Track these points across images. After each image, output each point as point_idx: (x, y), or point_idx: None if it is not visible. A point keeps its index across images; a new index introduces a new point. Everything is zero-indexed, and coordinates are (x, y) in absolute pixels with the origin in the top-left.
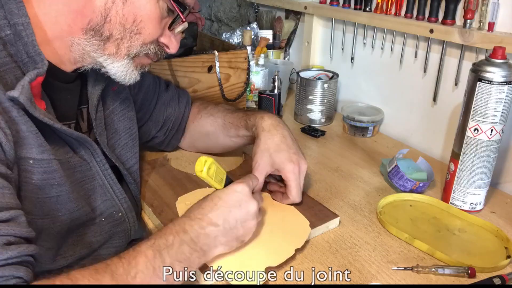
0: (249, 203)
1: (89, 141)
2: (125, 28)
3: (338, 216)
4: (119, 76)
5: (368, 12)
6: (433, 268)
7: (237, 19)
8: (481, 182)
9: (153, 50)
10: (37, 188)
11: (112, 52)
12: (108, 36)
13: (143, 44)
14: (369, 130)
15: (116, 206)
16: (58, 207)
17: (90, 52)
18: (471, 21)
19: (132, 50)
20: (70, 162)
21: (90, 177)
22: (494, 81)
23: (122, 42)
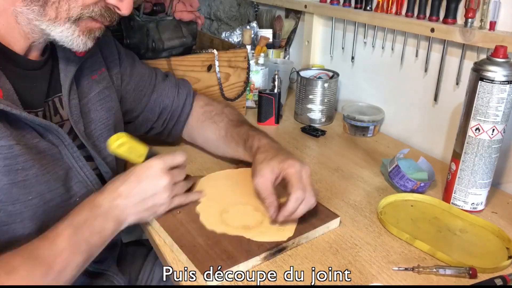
0: (159, 178)
1: (53, 127)
2: None
3: (339, 217)
4: (65, 41)
5: (369, 11)
6: (434, 269)
7: (236, 18)
8: (483, 182)
9: (98, 12)
10: (3, 174)
11: (52, 16)
12: (44, 0)
13: (83, 6)
14: (369, 130)
15: (88, 187)
16: (27, 191)
17: (33, 20)
18: (472, 20)
19: (72, 13)
20: (38, 147)
21: (61, 159)
22: (495, 81)
23: (60, 5)
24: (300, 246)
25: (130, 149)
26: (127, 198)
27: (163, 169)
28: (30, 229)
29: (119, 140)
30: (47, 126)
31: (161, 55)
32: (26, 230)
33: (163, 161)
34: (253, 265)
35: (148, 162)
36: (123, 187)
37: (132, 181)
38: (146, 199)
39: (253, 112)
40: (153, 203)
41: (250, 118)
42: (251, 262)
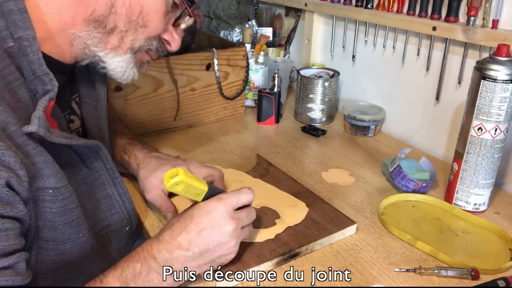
0: (224, 225)
1: (101, 147)
2: (130, 19)
3: (355, 223)
4: (118, 71)
5: (370, 9)
6: (436, 270)
7: (236, 17)
8: (485, 182)
9: (155, 46)
10: (58, 215)
11: (114, 45)
12: (112, 28)
13: (147, 38)
14: (370, 130)
15: (124, 220)
16: (78, 229)
17: (91, 46)
18: (474, 18)
19: (136, 44)
20: (77, 176)
21: (99, 186)
22: (498, 79)
23: (127, 34)
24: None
25: (187, 188)
26: (188, 250)
27: (227, 213)
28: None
29: (175, 178)
30: (95, 146)
31: None
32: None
33: (225, 205)
34: (264, 270)
35: (209, 205)
36: (181, 237)
37: (191, 229)
38: (210, 251)
39: (252, 112)
40: (218, 254)
41: (249, 117)
42: (262, 267)
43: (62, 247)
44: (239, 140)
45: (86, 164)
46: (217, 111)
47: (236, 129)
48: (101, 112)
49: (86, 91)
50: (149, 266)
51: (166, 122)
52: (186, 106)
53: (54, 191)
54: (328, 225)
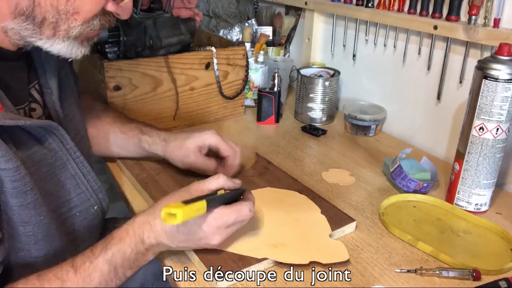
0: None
1: (56, 127)
2: (58, 9)
3: (355, 220)
4: (64, 54)
5: (370, 8)
6: (437, 271)
7: (235, 15)
8: (487, 182)
9: (97, 24)
10: (11, 196)
11: (49, 34)
12: (41, 20)
13: (83, 23)
14: (371, 129)
15: (91, 199)
16: (38, 211)
17: (27, 37)
18: (476, 17)
19: (72, 32)
20: (34, 157)
21: (61, 167)
22: (500, 79)
23: (58, 25)
24: None
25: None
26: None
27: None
28: (46, 250)
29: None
30: (50, 127)
31: (159, 52)
32: (42, 252)
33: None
34: (265, 267)
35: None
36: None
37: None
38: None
39: (252, 111)
40: (198, 245)
41: (249, 117)
42: (263, 264)
43: (23, 230)
44: (238, 140)
45: (44, 146)
46: (217, 110)
47: (236, 129)
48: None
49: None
50: (137, 250)
51: (165, 122)
52: (185, 105)
53: (4, 172)
54: (328, 222)
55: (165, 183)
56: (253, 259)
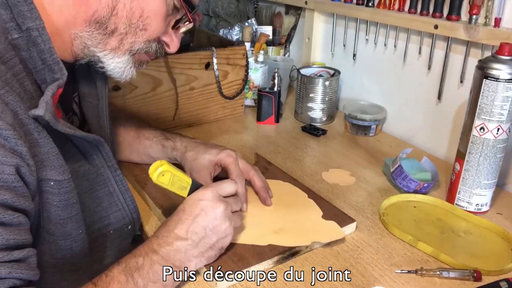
0: (214, 207)
1: (102, 142)
2: (131, 22)
3: (355, 221)
4: (116, 72)
5: (371, 7)
6: (438, 271)
7: (235, 15)
8: (487, 182)
9: (154, 48)
10: (59, 209)
11: (114, 47)
12: (112, 30)
13: (147, 41)
14: (371, 129)
15: (126, 218)
16: (78, 225)
17: (91, 46)
18: (476, 16)
19: (135, 47)
20: (79, 172)
21: (101, 184)
22: (500, 79)
23: (126, 37)
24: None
25: (173, 179)
26: (187, 238)
27: (215, 197)
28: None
29: (160, 168)
30: (96, 142)
31: None
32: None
33: (212, 190)
34: (265, 268)
35: (196, 194)
36: (177, 229)
37: (185, 219)
38: (208, 235)
39: (252, 111)
40: (216, 237)
41: (249, 117)
42: (262, 265)
43: (63, 243)
44: (238, 140)
45: (88, 160)
46: (216, 110)
47: (236, 129)
48: (102, 110)
49: (87, 90)
50: (151, 259)
51: (165, 122)
52: (185, 105)
53: (55, 183)
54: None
55: None
56: (253, 259)
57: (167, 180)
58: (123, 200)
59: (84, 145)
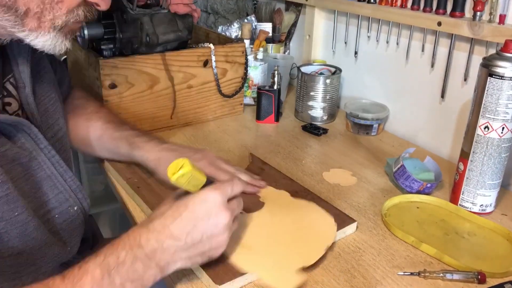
0: (219, 215)
1: (27, 124)
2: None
3: (356, 221)
4: (47, 49)
5: (373, 3)
6: (441, 273)
7: (234, 11)
8: (492, 182)
9: (82, 14)
10: None
11: (33, 26)
12: (25, 11)
13: (68, 12)
14: (373, 128)
15: (70, 199)
16: (12, 206)
17: (8, 27)
18: (481, 13)
19: (58, 22)
20: (7, 156)
21: (36, 168)
22: (505, 76)
23: (43, 15)
24: None
25: (190, 180)
26: (180, 240)
27: (222, 203)
28: (20, 248)
29: (182, 170)
30: (20, 123)
31: (156, 49)
32: (14, 250)
33: (221, 193)
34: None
35: (204, 193)
36: (174, 225)
37: (185, 218)
38: (202, 242)
39: (251, 110)
40: (209, 246)
41: (248, 115)
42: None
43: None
44: (237, 139)
45: (17, 144)
46: (215, 109)
47: (235, 128)
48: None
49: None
50: (134, 254)
51: (162, 121)
52: (183, 104)
53: None
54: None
55: (158, 187)
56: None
57: (185, 181)
58: (63, 182)
59: (7, 128)
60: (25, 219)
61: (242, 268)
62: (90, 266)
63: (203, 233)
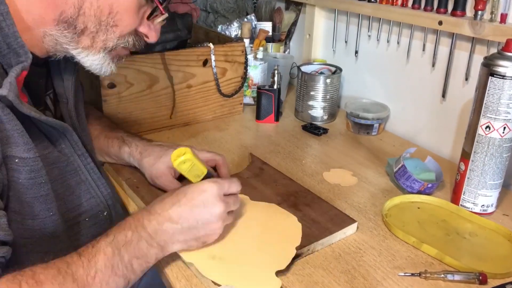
0: (214, 205)
1: (70, 131)
2: (100, 20)
3: (356, 222)
4: (94, 68)
5: (373, 2)
6: (442, 274)
7: (234, 10)
8: (493, 183)
9: (131, 42)
10: (25, 187)
11: (86, 45)
12: (82, 29)
13: (120, 37)
14: (374, 128)
15: (101, 204)
16: (49, 206)
17: (63, 44)
18: (482, 12)
19: (109, 44)
20: (48, 158)
21: (72, 172)
22: (507, 76)
23: (98, 35)
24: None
25: (192, 167)
26: (177, 223)
27: (218, 195)
28: (48, 248)
29: (184, 157)
30: (64, 129)
31: (155, 49)
32: (44, 249)
33: (219, 187)
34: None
35: (203, 184)
36: (172, 210)
37: (184, 204)
38: (197, 227)
39: (251, 109)
40: (204, 232)
41: (248, 115)
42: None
43: (31, 223)
44: (237, 139)
45: (57, 148)
46: (215, 109)
47: (234, 128)
48: (71, 110)
49: (61, 90)
50: (139, 234)
51: (162, 120)
52: (182, 103)
53: (20, 161)
54: (329, 224)
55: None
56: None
57: (186, 168)
58: (96, 187)
59: (51, 132)
60: (57, 219)
61: (218, 281)
62: (102, 245)
63: (198, 220)
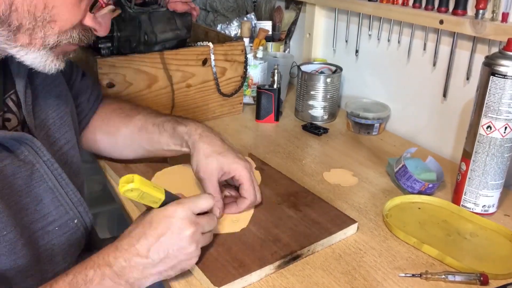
0: (182, 229)
1: (29, 138)
2: (35, 16)
3: (356, 222)
4: (37, 66)
5: (374, 1)
6: (443, 275)
7: (234, 9)
8: (494, 183)
9: (76, 37)
10: None
11: (25, 43)
12: (17, 27)
13: (61, 33)
14: (374, 128)
15: (70, 212)
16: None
17: (1, 43)
18: (483, 11)
19: (49, 41)
20: (5, 171)
21: (38, 180)
22: (508, 75)
23: (35, 32)
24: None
25: (143, 195)
26: (147, 257)
27: (186, 217)
28: (7, 266)
29: (130, 185)
30: (22, 138)
31: (154, 48)
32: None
33: (184, 209)
34: (266, 274)
35: (167, 210)
36: (139, 244)
37: (150, 235)
38: (170, 257)
39: (251, 109)
40: (178, 259)
41: (248, 115)
42: (264, 271)
43: None
44: (237, 139)
45: (19, 158)
46: (214, 108)
47: (234, 128)
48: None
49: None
50: (102, 272)
51: None
52: (182, 103)
53: None
54: (329, 224)
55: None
56: (254, 265)
57: (135, 196)
58: (64, 194)
59: (11, 143)
60: (14, 237)
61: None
62: (60, 285)
63: (169, 249)
